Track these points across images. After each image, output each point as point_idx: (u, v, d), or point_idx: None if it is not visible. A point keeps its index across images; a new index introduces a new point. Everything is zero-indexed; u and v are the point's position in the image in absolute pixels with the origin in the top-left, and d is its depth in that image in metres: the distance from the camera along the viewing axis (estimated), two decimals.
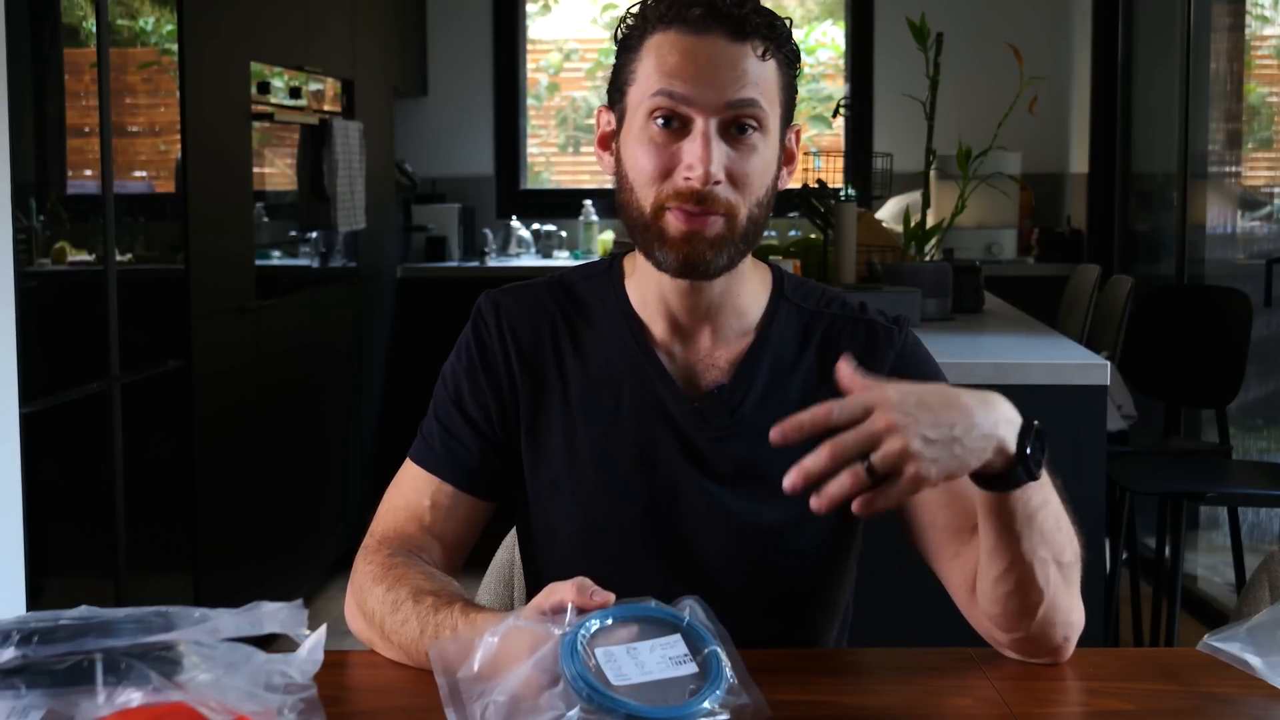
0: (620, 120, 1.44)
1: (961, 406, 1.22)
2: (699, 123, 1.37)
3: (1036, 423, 1.26)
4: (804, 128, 6.13)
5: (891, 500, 1.19)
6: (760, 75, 1.39)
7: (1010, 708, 1.27)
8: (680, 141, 1.39)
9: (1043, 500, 1.30)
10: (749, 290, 1.50)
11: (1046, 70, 4.78)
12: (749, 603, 1.47)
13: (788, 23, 1.43)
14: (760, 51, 1.39)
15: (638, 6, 1.43)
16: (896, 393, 1.21)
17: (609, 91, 1.47)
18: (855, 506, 1.18)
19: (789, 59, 1.43)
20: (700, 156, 1.37)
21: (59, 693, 1.04)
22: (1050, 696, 1.32)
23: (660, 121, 1.39)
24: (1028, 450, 1.24)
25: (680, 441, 1.47)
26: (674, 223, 1.39)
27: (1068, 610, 1.35)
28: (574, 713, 1.08)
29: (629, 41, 1.43)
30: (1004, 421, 1.25)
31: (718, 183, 1.37)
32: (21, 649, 1.05)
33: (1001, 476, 1.26)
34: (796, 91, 1.46)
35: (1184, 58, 4.51)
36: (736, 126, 1.38)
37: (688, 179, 1.37)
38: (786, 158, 1.47)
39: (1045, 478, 1.30)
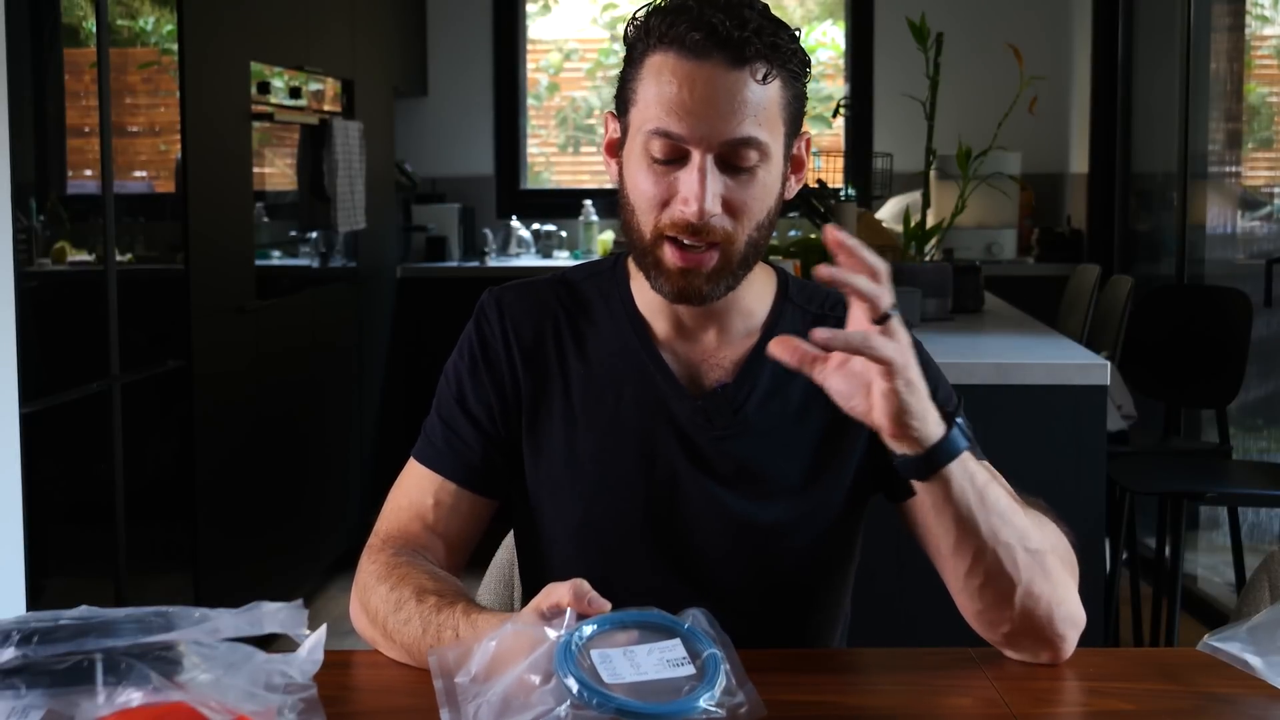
0: (624, 134, 1.44)
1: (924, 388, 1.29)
2: (696, 156, 1.36)
3: (959, 400, 1.38)
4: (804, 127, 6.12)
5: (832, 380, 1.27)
6: (761, 103, 1.37)
7: (1010, 708, 1.27)
8: (678, 171, 1.38)
9: (987, 479, 1.33)
10: (754, 291, 1.50)
11: (1046, 70, 4.78)
12: (748, 601, 1.47)
13: (797, 32, 1.41)
14: (761, 75, 1.36)
15: (643, 13, 1.41)
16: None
17: (616, 99, 1.46)
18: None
19: (795, 73, 1.40)
20: (696, 192, 1.36)
21: (59, 693, 1.04)
22: (1050, 696, 1.32)
23: (657, 151, 1.38)
24: (957, 419, 1.30)
25: (681, 440, 1.47)
26: (670, 256, 1.40)
27: (1051, 601, 1.34)
28: (564, 708, 1.08)
29: (632, 53, 1.41)
30: (935, 414, 1.30)
31: (714, 215, 1.37)
32: (21, 649, 1.05)
33: (938, 450, 1.28)
34: (805, 99, 1.44)
35: (1184, 58, 4.51)
36: (737, 155, 1.37)
37: (683, 212, 1.37)
38: (795, 165, 1.46)
39: (987, 468, 1.35)
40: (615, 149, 1.46)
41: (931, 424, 1.28)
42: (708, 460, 1.47)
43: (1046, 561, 1.35)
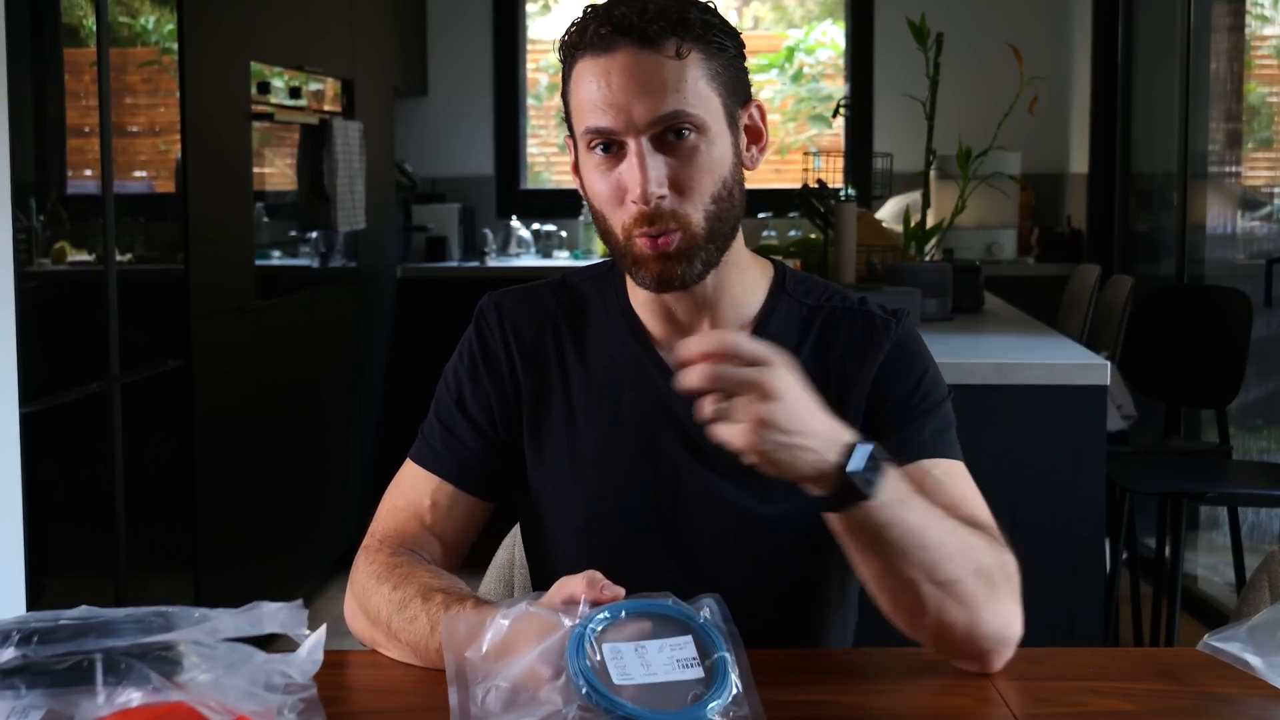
0: (575, 148, 1.46)
1: (818, 424, 1.24)
2: (631, 144, 1.38)
3: (871, 446, 1.26)
4: (804, 127, 6.14)
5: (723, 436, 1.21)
6: (681, 78, 1.38)
7: (1010, 708, 1.27)
8: (621, 165, 1.40)
9: (891, 519, 1.27)
10: (745, 283, 1.51)
11: (1046, 70, 4.78)
12: (751, 596, 1.46)
13: (709, 5, 1.42)
14: (674, 51, 1.37)
15: (563, 37, 1.43)
16: (791, 372, 1.22)
17: (564, 120, 1.48)
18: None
19: (717, 43, 1.41)
20: (637, 179, 1.37)
21: (59, 693, 1.04)
22: (1050, 696, 1.32)
23: (600, 150, 1.40)
24: (849, 469, 1.24)
25: (682, 435, 1.48)
26: (641, 247, 1.41)
27: (969, 623, 1.32)
28: (571, 709, 1.08)
29: (563, 74, 1.45)
30: (836, 447, 1.25)
31: (662, 197, 1.38)
32: (21, 649, 1.05)
33: (839, 496, 1.26)
34: (743, 70, 1.45)
35: (1184, 58, 4.51)
36: (673, 133, 1.38)
37: (633, 204, 1.39)
38: (752, 135, 1.47)
39: (906, 503, 1.29)
40: (577, 167, 1.48)
41: (830, 462, 1.24)
42: (709, 456, 1.47)
43: (963, 589, 1.31)
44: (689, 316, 1.49)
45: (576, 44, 1.40)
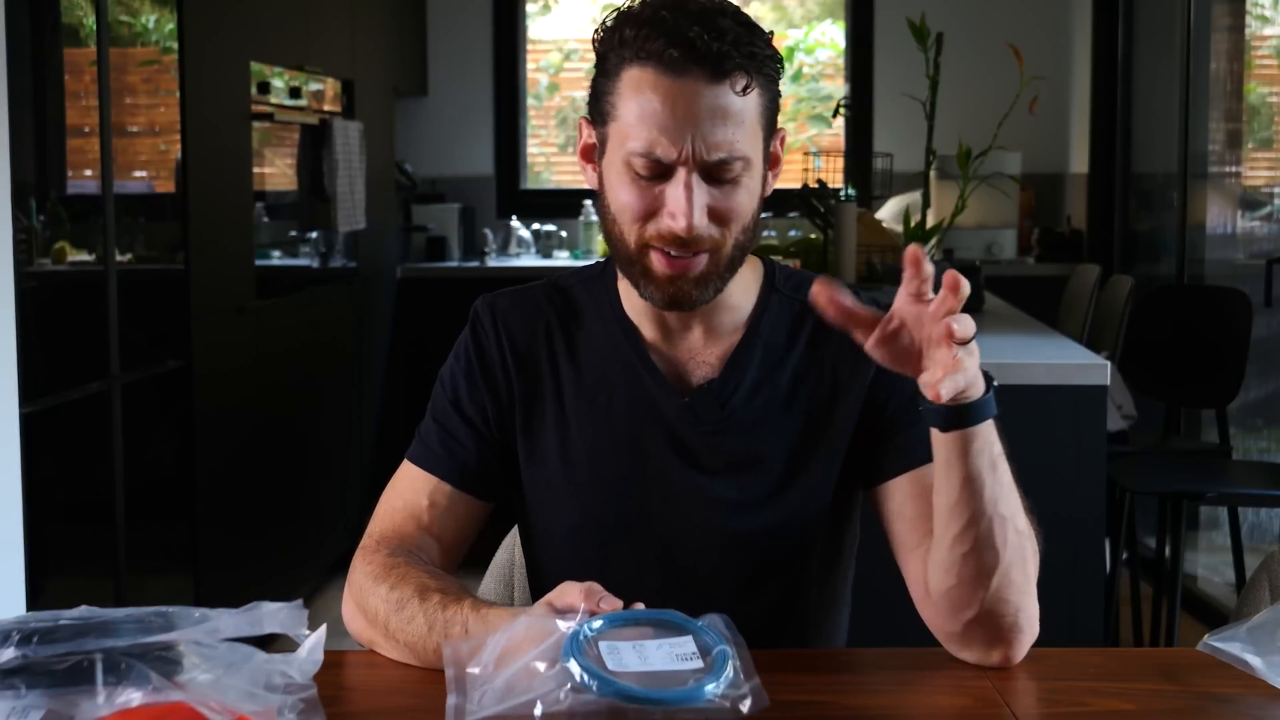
0: (603, 144, 1.43)
1: None
2: (680, 172, 1.36)
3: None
4: (804, 127, 6.14)
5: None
6: (741, 114, 1.37)
7: (1010, 708, 1.27)
8: (663, 185, 1.37)
9: (1002, 450, 1.34)
10: (738, 285, 1.50)
11: (1046, 70, 4.78)
12: (740, 594, 1.47)
13: (769, 35, 1.41)
14: (741, 87, 1.36)
15: (615, 24, 1.39)
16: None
17: (590, 107, 1.45)
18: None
19: (771, 76, 1.40)
20: (684, 209, 1.36)
21: (59, 693, 1.04)
22: (1050, 696, 1.32)
23: (641, 169, 1.38)
24: (994, 384, 1.33)
25: (671, 438, 1.48)
26: (659, 264, 1.40)
27: (1022, 593, 1.35)
28: (564, 690, 1.08)
29: (607, 64, 1.40)
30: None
31: (701, 227, 1.38)
32: (21, 649, 1.05)
33: (975, 406, 1.30)
34: (779, 95, 1.44)
35: (1184, 58, 4.51)
36: (722, 166, 1.37)
37: (670, 226, 1.37)
38: (772, 162, 1.46)
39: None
40: (591, 155, 1.46)
41: (976, 383, 1.29)
42: (697, 457, 1.48)
43: (1026, 550, 1.36)
44: (681, 322, 1.50)
45: (638, 50, 1.36)
